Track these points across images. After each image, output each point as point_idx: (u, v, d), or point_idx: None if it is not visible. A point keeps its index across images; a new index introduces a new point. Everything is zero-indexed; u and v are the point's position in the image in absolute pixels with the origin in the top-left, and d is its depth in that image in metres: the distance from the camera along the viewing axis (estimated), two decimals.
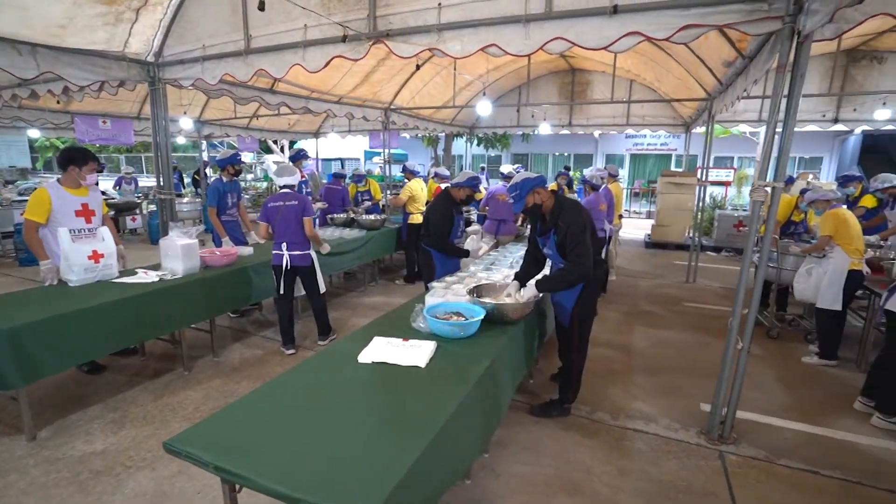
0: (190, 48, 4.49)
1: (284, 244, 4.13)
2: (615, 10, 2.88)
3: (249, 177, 19.44)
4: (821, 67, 7.55)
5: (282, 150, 17.46)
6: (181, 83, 4.69)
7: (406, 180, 6.84)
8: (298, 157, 6.53)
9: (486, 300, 2.81)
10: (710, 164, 14.75)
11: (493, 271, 3.74)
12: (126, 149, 23.94)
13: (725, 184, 12.60)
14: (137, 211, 10.62)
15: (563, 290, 3.08)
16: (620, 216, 7.50)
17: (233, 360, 4.24)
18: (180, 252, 3.89)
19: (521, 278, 3.22)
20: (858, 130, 11.12)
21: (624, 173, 18.19)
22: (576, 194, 8.27)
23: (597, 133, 12.78)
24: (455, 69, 7.82)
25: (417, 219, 6.31)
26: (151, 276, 3.79)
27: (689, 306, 6.08)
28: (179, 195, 12.01)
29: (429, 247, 4.15)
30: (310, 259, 4.26)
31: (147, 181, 15.31)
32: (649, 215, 14.56)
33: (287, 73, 4.07)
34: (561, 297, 3.18)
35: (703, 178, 7.69)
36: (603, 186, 6.02)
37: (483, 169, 13.60)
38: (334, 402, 1.94)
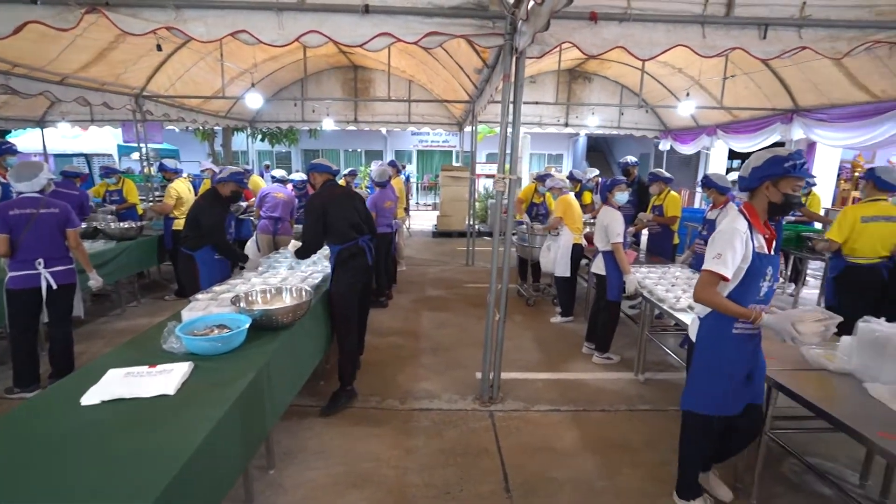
0: None
1: (41, 261, 3.32)
2: (367, 9, 2.97)
3: None
4: (554, 82, 9.36)
5: None
6: None
7: (167, 181, 5.90)
8: (1, 151, 4.97)
9: (255, 307, 2.60)
10: (483, 160, 16.91)
11: (270, 275, 3.50)
12: None
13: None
14: None
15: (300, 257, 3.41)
16: (406, 209, 7.94)
17: None
18: None
19: None
20: (584, 133, 14.20)
21: (413, 168, 19.33)
22: (367, 191, 8.41)
23: (384, 130, 13.22)
24: (221, 56, 7.03)
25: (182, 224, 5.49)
26: None
27: (469, 287, 6.82)
28: None
29: (192, 250, 3.62)
30: (74, 275, 3.59)
31: None
32: (435, 207, 15.82)
33: None
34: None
35: (474, 172, 8.72)
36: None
37: (267, 167, 12.55)
38: (37, 465, 1.52)
